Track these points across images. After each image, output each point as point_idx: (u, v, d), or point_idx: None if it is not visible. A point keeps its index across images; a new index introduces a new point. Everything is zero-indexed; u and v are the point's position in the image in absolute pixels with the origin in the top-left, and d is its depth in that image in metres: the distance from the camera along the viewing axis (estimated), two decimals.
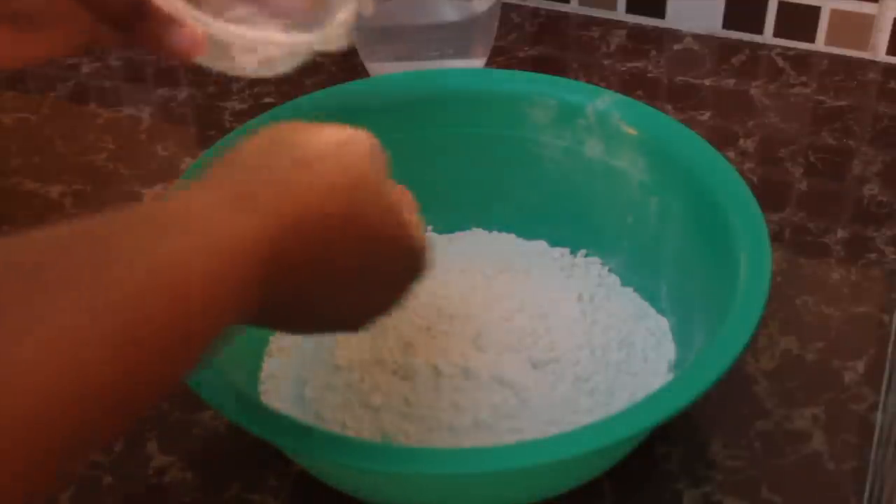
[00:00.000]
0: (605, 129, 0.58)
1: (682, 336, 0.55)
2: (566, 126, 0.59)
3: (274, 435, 0.45)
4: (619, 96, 0.59)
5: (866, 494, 0.51)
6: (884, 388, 0.56)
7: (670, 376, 0.54)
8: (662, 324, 0.56)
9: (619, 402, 0.52)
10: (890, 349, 0.58)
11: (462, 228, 0.63)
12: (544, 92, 0.60)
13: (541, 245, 0.61)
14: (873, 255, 0.64)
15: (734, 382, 0.56)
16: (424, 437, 0.51)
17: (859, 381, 0.56)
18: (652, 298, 0.58)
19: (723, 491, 0.52)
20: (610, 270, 0.60)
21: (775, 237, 0.65)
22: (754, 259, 0.49)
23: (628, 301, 0.58)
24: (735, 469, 0.52)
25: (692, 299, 0.54)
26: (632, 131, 0.58)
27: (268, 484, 0.52)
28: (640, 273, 0.59)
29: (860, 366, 0.57)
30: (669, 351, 0.55)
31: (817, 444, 0.53)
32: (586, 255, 0.61)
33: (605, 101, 0.58)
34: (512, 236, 0.62)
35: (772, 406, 0.55)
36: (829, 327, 0.59)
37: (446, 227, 0.62)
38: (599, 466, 0.50)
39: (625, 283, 0.59)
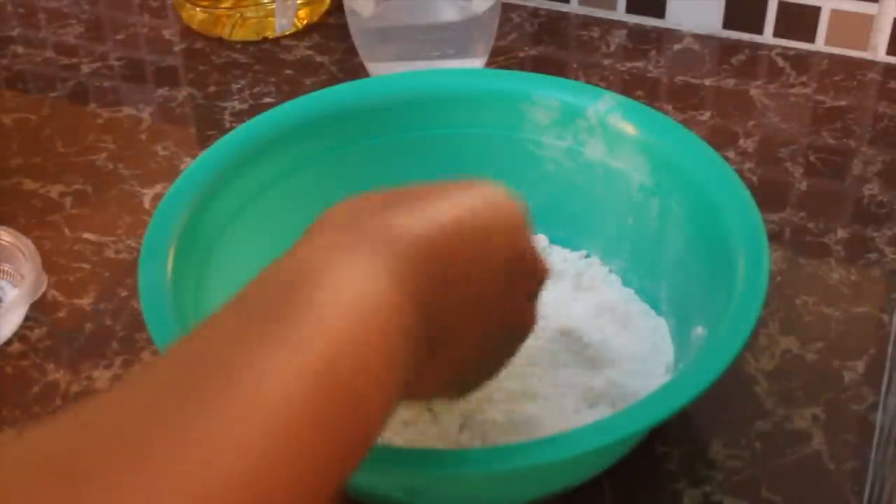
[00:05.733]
0: (606, 130, 0.58)
1: (680, 338, 0.55)
2: (567, 127, 0.59)
3: None
4: (621, 97, 0.59)
5: (866, 494, 0.51)
6: (884, 388, 0.56)
7: (668, 377, 0.53)
8: (662, 325, 0.56)
9: (618, 403, 0.52)
10: (890, 349, 0.58)
11: None
12: (545, 92, 0.60)
13: (541, 246, 0.61)
14: (873, 255, 0.64)
15: (734, 382, 0.56)
16: (423, 438, 0.51)
17: (859, 381, 0.56)
18: (652, 300, 0.58)
19: (723, 491, 0.52)
20: (610, 271, 0.60)
21: (775, 237, 0.65)
22: (752, 262, 0.49)
23: (628, 302, 0.58)
24: (735, 469, 0.52)
25: (691, 301, 0.54)
26: (633, 133, 0.58)
27: None
28: (640, 274, 0.59)
29: (860, 366, 0.57)
30: (668, 352, 0.55)
31: (817, 444, 0.53)
32: (587, 257, 0.61)
33: (606, 103, 0.58)
34: None
35: (772, 406, 0.55)
36: (829, 327, 0.59)
37: None
38: (597, 467, 0.50)
39: (625, 284, 0.59)
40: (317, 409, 0.33)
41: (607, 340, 0.56)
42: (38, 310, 0.62)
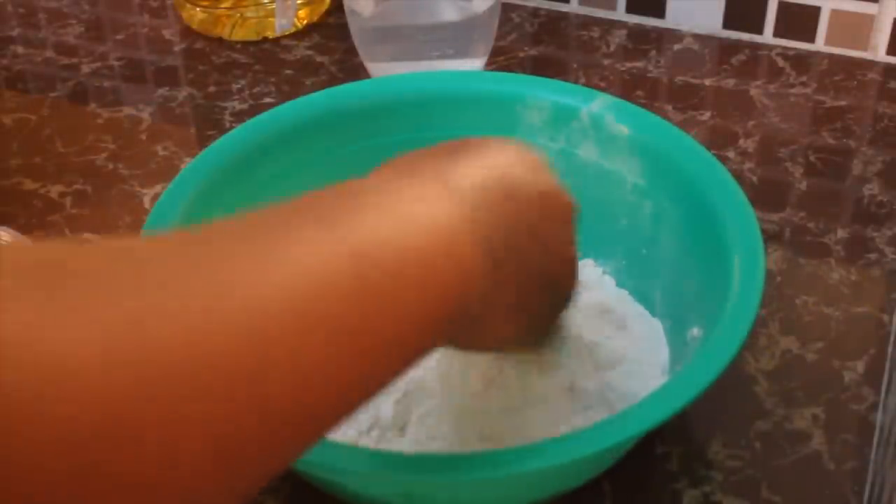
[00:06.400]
0: (599, 131, 0.58)
1: (676, 339, 0.55)
2: (560, 128, 0.59)
3: None
4: (614, 98, 0.59)
5: (866, 494, 0.51)
6: (884, 388, 0.56)
7: (664, 380, 0.53)
8: (657, 327, 0.56)
9: (613, 406, 0.52)
10: (890, 349, 0.58)
11: None
12: (539, 94, 0.60)
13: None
14: (873, 255, 0.64)
15: (734, 382, 0.56)
16: (422, 442, 0.51)
17: (859, 381, 0.56)
18: (646, 301, 0.58)
19: (723, 491, 0.52)
20: (605, 273, 0.60)
21: (775, 237, 0.65)
22: (748, 262, 0.49)
23: (623, 304, 0.58)
24: (735, 469, 0.52)
25: (686, 302, 0.54)
26: (626, 134, 0.58)
27: (268, 484, 0.52)
28: (634, 276, 0.59)
29: (860, 366, 0.57)
30: (664, 354, 0.55)
31: (817, 444, 0.53)
32: (581, 258, 0.61)
33: (599, 104, 0.58)
34: None
35: (772, 406, 0.55)
36: (829, 327, 0.59)
37: None
38: (595, 469, 0.50)
39: (619, 285, 0.59)
40: (348, 292, 0.32)
41: (602, 342, 0.56)
42: None
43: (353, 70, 0.79)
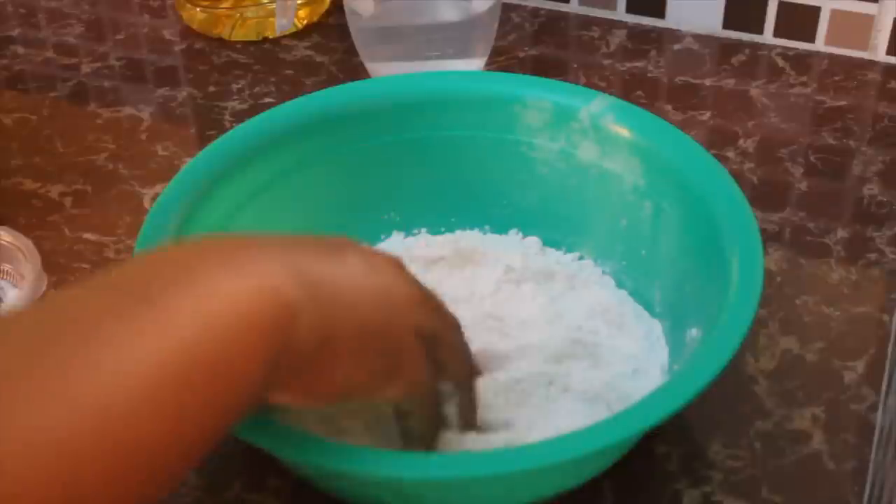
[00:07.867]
0: (598, 132, 0.58)
1: (675, 339, 0.55)
2: (560, 129, 0.59)
3: (262, 441, 0.45)
4: (614, 99, 0.59)
5: (866, 494, 0.51)
6: (884, 388, 0.56)
7: (663, 380, 0.53)
8: (656, 327, 0.56)
9: (612, 406, 0.52)
10: (890, 349, 0.58)
11: (455, 231, 0.63)
12: (538, 95, 0.60)
13: (535, 248, 0.61)
14: (873, 255, 0.64)
15: (734, 382, 0.56)
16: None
17: (859, 381, 0.56)
18: (646, 302, 0.58)
19: (723, 491, 0.52)
20: (604, 273, 0.60)
21: (775, 237, 0.65)
22: (746, 262, 0.49)
23: (622, 304, 0.58)
24: (735, 469, 0.52)
25: (685, 303, 0.54)
26: (626, 134, 0.58)
27: (268, 484, 0.52)
28: (634, 276, 0.59)
29: (860, 366, 0.57)
30: (663, 355, 0.55)
31: (817, 444, 0.53)
32: (580, 259, 0.61)
33: (599, 104, 0.58)
34: (506, 239, 0.62)
35: (772, 406, 0.55)
36: (829, 327, 0.59)
37: (438, 230, 0.62)
38: (594, 469, 0.50)
39: (619, 286, 0.59)
40: (166, 396, 0.35)
41: (602, 342, 0.56)
42: None
43: (353, 70, 0.79)
